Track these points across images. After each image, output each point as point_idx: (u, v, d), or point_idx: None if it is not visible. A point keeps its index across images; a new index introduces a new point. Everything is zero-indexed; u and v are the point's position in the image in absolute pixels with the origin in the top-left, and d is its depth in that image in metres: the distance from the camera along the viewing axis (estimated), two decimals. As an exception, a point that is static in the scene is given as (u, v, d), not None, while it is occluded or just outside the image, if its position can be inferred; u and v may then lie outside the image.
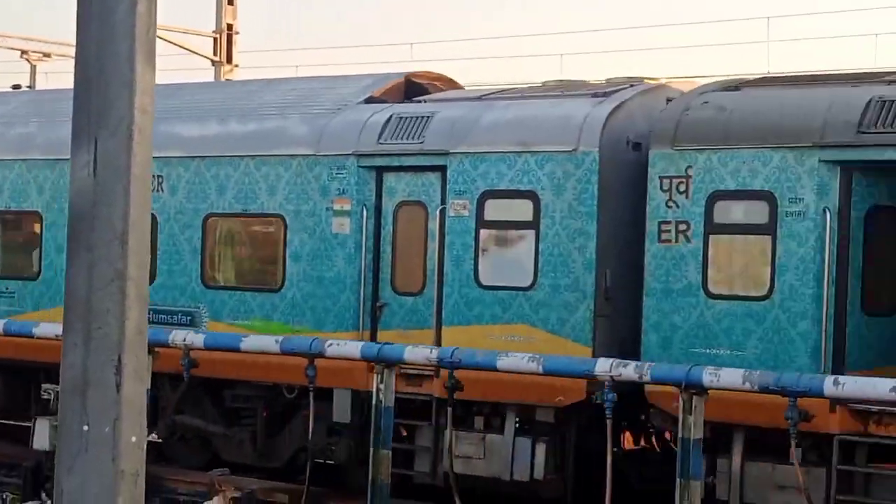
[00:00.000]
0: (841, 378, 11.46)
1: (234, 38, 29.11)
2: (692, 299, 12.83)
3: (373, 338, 14.71)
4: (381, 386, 13.39)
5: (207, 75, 29.37)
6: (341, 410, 14.79)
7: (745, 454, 12.66)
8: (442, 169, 14.29)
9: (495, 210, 13.96)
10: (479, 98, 14.95)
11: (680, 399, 11.85)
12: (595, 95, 14.00)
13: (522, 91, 15.11)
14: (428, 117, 14.54)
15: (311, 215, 15.05)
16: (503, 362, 12.88)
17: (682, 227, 12.93)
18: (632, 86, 14.18)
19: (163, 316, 15.87)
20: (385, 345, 13.64)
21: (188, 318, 15.85)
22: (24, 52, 34.10)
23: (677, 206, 12.95)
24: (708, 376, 11.69)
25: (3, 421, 18.48)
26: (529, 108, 14.19)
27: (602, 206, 13.38)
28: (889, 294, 12.64)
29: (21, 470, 16.93)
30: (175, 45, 29.17)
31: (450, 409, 13.31)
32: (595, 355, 13.03)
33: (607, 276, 13.38)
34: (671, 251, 12.99)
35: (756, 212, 12.58)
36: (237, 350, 14.53)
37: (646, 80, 14.47)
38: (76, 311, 4.71)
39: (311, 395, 13.95)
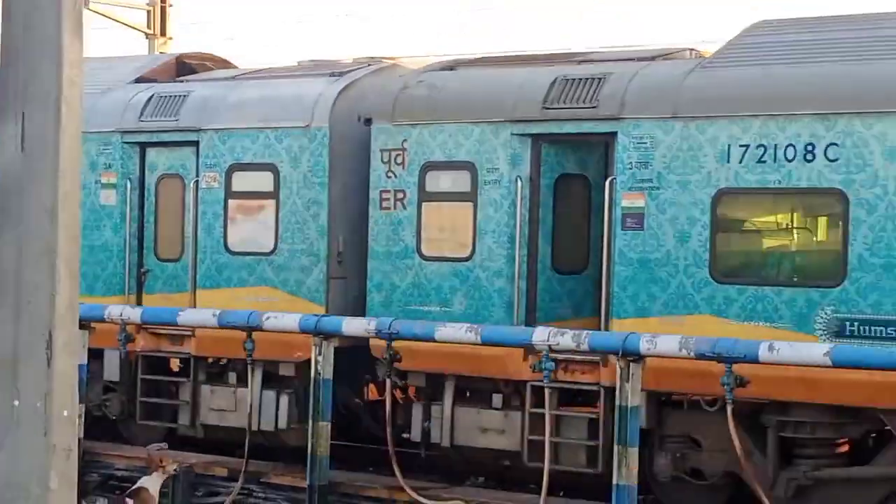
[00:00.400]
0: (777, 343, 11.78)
1: (168, 10, 29.03)
2: (408, 261, 14.08)
3: (138, 301, 15.84)
4: (320, 358, 13.73)
5: (142, 48, 29.11)
6: (111, 370, 15.91)
7: (455, 402, 13.97)
8: (196, 144, 15.46)
9: (241, 182, 15.16)
10: (233, 78, 16.09)
11: (617, 366, 12.10)
12: (332, 75, 15.17)
13: (272, 71, 16.26)
14: (184, 96, 15.66)
15: (82, 188, 16.12)
16: (441, 333, 13.12)
17: (400, 195, 14.16)
18: (368, 65, 15.37)
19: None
20: (323, 317, 13.88)
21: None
22: None
23: (395, 176, 14.18)
24: (645, 344, 12.00)
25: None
26: (271, 87, 15.37)
27: (333, 178, 14.57)
28: (576, 254, 13.96)
29: None
30: (108, 17, 29.04)
31: (388, 380, 13.77)
32: (328, 313, 14.27)
33: (340, 242, 14.60)
34: (391, 217, 14.22)
35: (460, 181, 13.84)
36: (175, 324, 14.95)
37: (383, 60, 15.66)
38: (6, 286, 4.64)
39: (249, 365, 14.45)
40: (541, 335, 12.55)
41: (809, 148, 12.24)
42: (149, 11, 28.83)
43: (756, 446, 12.64)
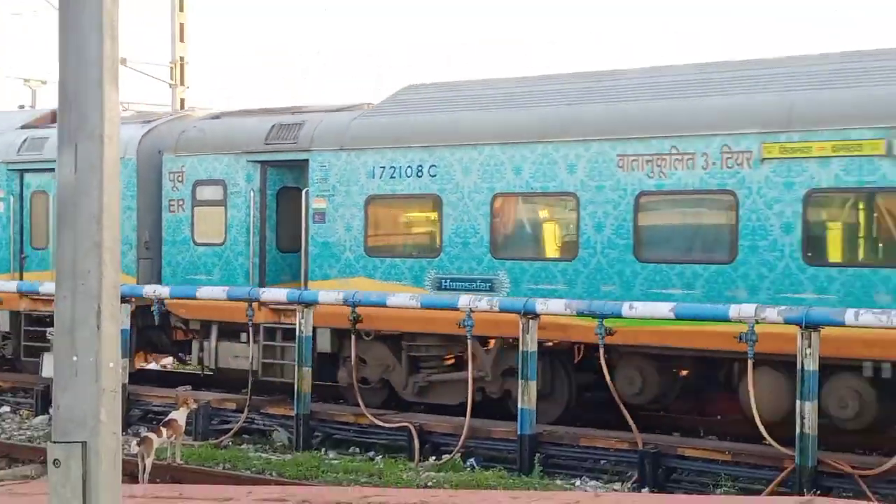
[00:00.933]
0: (636, 303, 15.35)
1: (185, 66, 34.73)
2: (186, 246, 21.04)
3: (21, 278, 22.78)
4: (302, 321, 17.47)
5: (167, 95, 35.09)
6: (2, 323, 22.84)
7: (219, 338, 20.90)
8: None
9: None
10: None
11: (520, 323, 15.64)
12: (145, 122, 22.13)
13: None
14: (48, 137, 22.58)
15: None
16: (392, 300, 17.13)
17: (181, 202, 21.11)
18: (170, 115, 22.38)
19: None
20: (304, 291, 18.14)
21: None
22: (26, 79, 40.08)
23: (178, 190, 21.12)
24: (539, 306, 15.65)
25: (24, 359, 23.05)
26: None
27: (141, 192, 21.51)
28: (293, 239, 20.73)
29: (34, 392, 20.81)
30: (142, 73, 35.17)
31: (353, 336, 17.77)
32: (139, 283, 21.15)
33: (146, 234, 21.55)
34: (176, 217, 21.19)
35: (217, 192, 20.76)
36: (194, 297, 19.11)
37: (185, 111, 22.64)
38: (65, 272, 5.41)
39: (250, 329, 18.82)
40: (464, 301, 16.38)
41: (419, 168, 18.70)
42: (171, 67, 34.96)
43: (397, 361, 19.15)
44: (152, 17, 36.33)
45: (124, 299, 18.87)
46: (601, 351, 15.38)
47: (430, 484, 14.82)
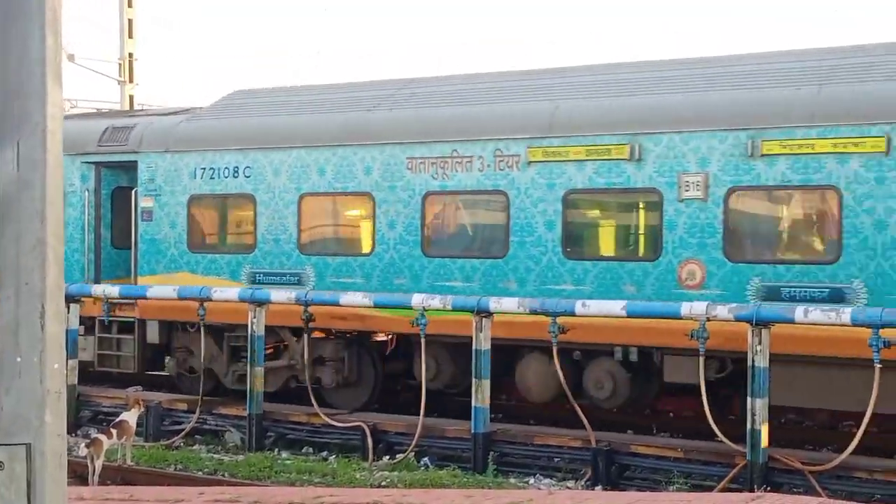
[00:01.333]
0: (589, 301, 15.50)
1: (134, 63, 34.51)
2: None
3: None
4: (254, 320, 17.51)
5: (115, 92, 35.19)
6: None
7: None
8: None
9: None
10: None
11: (473, 320, 15.66)
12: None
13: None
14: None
15: None
16: (344, 299, 17.10)
17: (131, 202, 21.07)
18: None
19: None
20: (256, 290, 18.01)
21: None
22: None
23: (128, 190, 21.10)
24: (493, 304, 15.70)
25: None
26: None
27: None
28: (127, 237, 20.71)
29: None
30: (91, 70, 35.08)
31: (306, 336, 17.86)
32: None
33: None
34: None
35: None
36: (144, 297, 19.10)
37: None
38: (8, 271, 5.28)
39: (202, 329, 18.45)
40: (417, 299, 16.41)
41: (235, 169, 19.30)
42: (120, 63, 34.74)
43: (220, 351, 19.51)
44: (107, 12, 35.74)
45: (73, 299, 18.92)
46: (554, 350, 15.53)
47: (383, 483, 14.76)
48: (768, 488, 13.54)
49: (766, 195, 15.50)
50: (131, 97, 33.79)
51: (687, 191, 15.71)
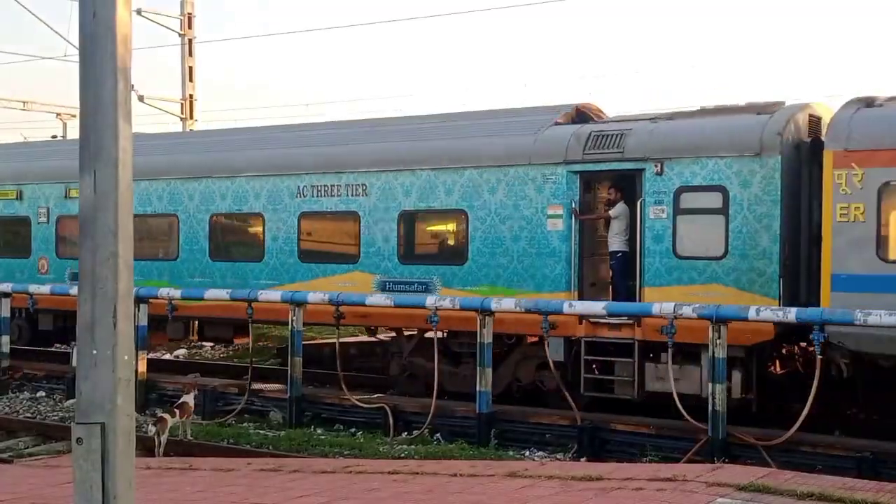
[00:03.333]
0: (576, 302, 15.47)
1: (195, 102, 34.96)
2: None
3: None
4: (294, 318, 17.27)
5: (178, 127, 35.26)
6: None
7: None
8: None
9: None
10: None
11: (477, 319, 15.50)
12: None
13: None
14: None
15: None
16: (370, 300, 16.86)
17: None
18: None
19: None
20: (295, 292, 17.44)
21: None
22: (58, 113, 40.54)
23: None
24: (494, 304, 15.48)
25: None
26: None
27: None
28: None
29: (66, 379, 19.98)
30: (157, 108, 35.36)
31: (338, 329, 17.52)
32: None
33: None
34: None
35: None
36: (202, 299, 18.48)
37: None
38: (86, 278, 5.27)
39: (250, 325, 18.53)
40: (430, 300, 16.09)
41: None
42: (182, 103, 35.17)
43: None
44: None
45: (141, 300, 18.77)
46: (546, 340, 15.50)
47: (402, 455, 14.75)
48: (726, 460, 13.51)
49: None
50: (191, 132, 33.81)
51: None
